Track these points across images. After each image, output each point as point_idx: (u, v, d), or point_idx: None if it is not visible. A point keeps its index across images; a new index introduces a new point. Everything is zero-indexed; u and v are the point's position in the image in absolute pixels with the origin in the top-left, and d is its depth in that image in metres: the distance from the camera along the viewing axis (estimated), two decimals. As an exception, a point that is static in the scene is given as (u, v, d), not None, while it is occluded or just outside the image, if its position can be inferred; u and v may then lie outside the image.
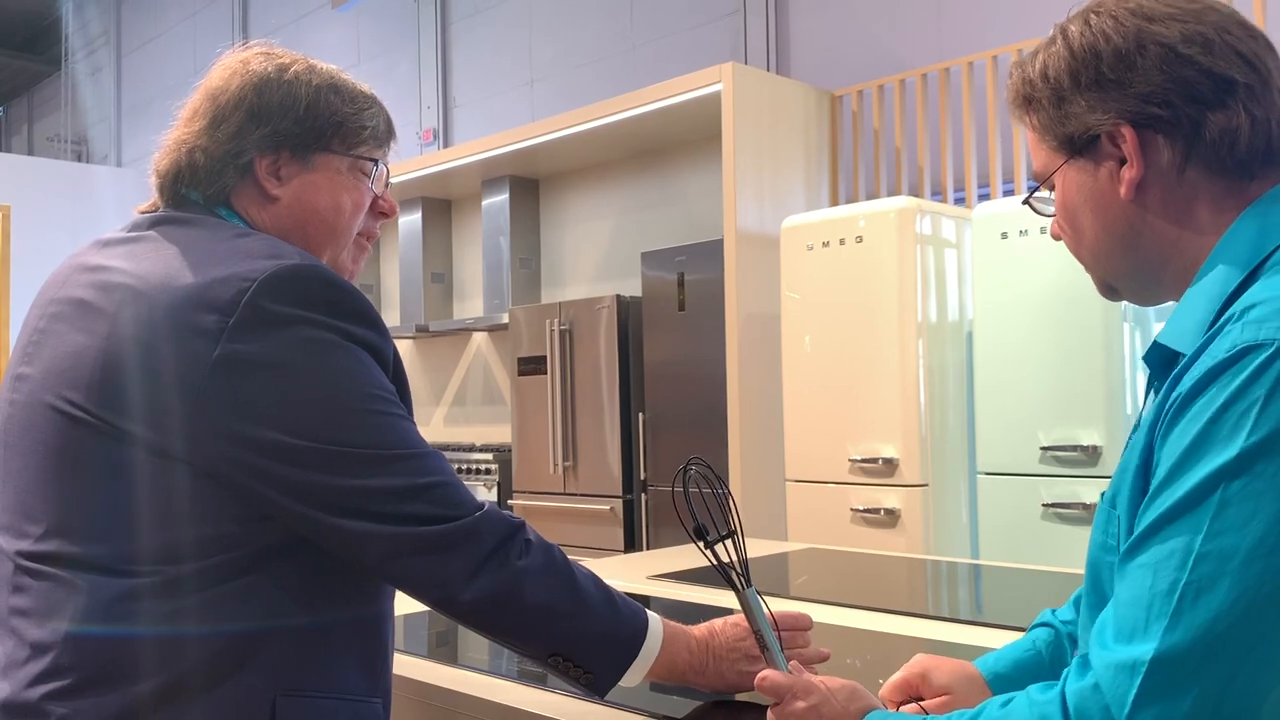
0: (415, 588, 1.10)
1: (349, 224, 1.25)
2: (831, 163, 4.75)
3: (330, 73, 1.24)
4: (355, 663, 1.12)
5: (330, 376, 1.06)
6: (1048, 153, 1.01)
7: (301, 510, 1.05)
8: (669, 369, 4.70)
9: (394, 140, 1.30)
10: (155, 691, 1.02)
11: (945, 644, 1.58)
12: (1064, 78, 0.97)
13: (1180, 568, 0.77)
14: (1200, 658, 0.75)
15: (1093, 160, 0.97)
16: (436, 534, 1.06)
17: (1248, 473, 0.75)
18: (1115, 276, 1.01)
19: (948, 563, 2.63)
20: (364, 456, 1.05)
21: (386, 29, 8.12)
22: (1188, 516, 0.77)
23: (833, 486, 3.78)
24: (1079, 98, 0.96)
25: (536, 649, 1.14)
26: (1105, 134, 0.95)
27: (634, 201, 5.52)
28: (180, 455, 1.03)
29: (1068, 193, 1.00)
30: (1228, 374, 0.78)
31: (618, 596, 1.18)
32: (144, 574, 1.03)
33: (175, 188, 1.20)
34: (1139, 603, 0.78)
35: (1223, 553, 0.75)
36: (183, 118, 1.21)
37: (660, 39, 6.16)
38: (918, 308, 3.61)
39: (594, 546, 4.87)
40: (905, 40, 4.99)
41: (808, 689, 1.05)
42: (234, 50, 1.24)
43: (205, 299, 1.04)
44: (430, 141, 7.53)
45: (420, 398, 6.69)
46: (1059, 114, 0.97)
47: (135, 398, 1.04)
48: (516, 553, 1.10)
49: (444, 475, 1.10)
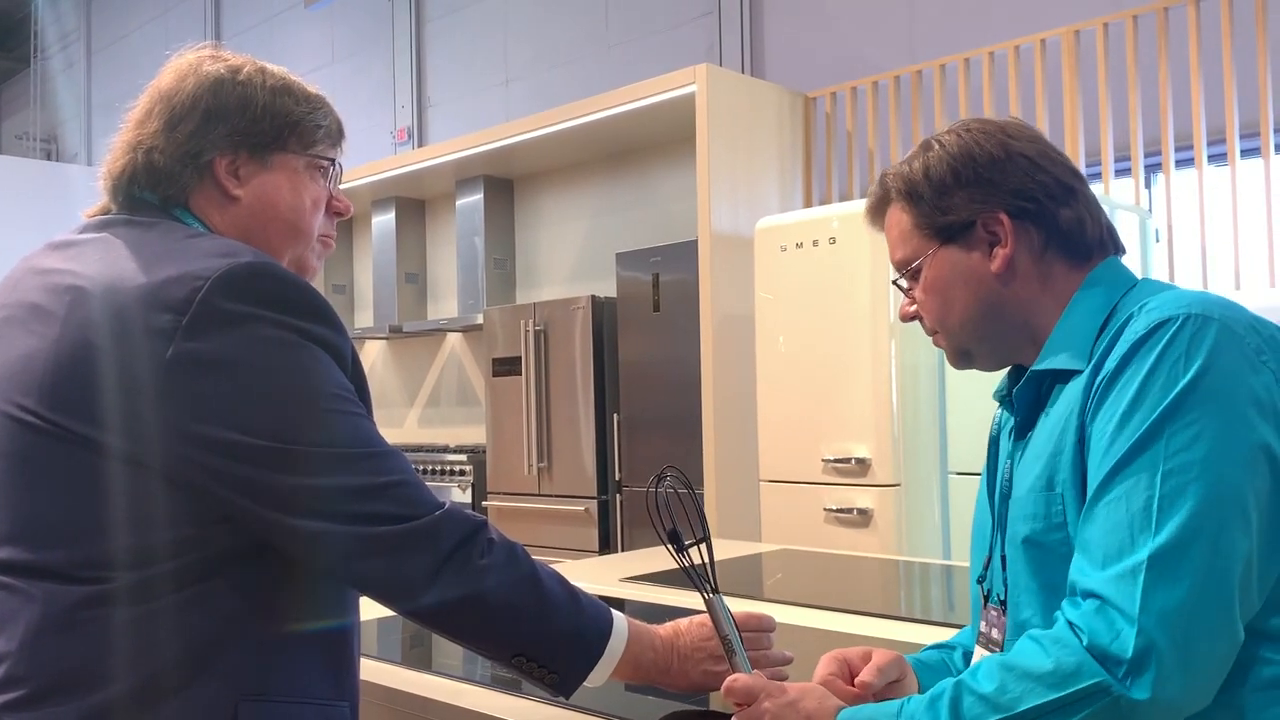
0: (376, 590, 1.09)
1: (310, 223, 1.24)
2: (805, 164, 4.77)
3: (281, 74, 1.24)
4: (320, 667, 1.11)
5: (286, 374, 1.05)
6: (919, 241, 1.20)
7: (259, 511, 1.03)
8: (644, 369, 4.71)
9: (344, 141, 1.30)
10: (114, 700, 1.00)
11: (917, 646, 1.59)
12: (946, 175, 1.17)
13: (1150, 488, 0.94)
14: (1186, 547, 0.92)
15: (964, 245, 1.17)
16: (396, 534, 1.05)
17: (1185, 408, 0.95)
18: (976, 341, 1.21)
19: (920, 563, 2.64)
20: (321, 455, 1.04)
21: (360, 29, 8.08)
22: (1145, 453, 0.96)
23: (806, 486, 3.79)
24: (959, 192, 1.16)
25: (500, 650, 1.13)
26: (982, 221, 1.15)
27: (609, 202, 5.52)
28: (136, 458, 1.02)
29: (939, 273, 1.19)
30: (1148, 344, 1.00)
31: (582, 595, 1.18)
32: (101, 580, 1.01)
33: (129, 189, 1.18)
34: (1120, 526, 0.95)
35: (1183, 467, 0.94)
36: (134, 120, 1.20)
37: (635, 40, 6.16)
38: (890, 308, 3.63)
39: (568, 548, 4.86)
40: (878, 43, 5.02)
41: (778, 690, 1.07)
42: (182, 53, 1.22)
43: (158, 298, 1.03)
44: (404, 141, 7.50)
45: (394, 399, 6.66)
46: (940, 205, 1.17)
47: (88, 400, 1.02)
48: (479, 552, 1.09)
49: (403, 474, 1.08)
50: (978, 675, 0.98)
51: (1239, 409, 0.95)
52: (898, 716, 1.00)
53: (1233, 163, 3.60)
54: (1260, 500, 0.94)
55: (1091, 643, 0.92)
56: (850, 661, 1.18)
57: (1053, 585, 1.05)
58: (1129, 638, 0.90)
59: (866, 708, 1.05)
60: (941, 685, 1.00)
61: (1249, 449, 0.94)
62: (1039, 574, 1.07)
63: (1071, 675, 0.92)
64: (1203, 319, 0.99)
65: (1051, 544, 1.05)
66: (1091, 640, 0.92)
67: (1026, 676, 0.94)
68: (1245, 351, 0.98)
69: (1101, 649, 0.91)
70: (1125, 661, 0.90)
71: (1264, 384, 0.97)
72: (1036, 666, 0.94)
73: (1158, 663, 0.89)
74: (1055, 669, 0.93)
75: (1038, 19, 4.29)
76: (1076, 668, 0.92)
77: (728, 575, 2.37)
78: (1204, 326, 0.98)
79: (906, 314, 1.26)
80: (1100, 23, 3.91)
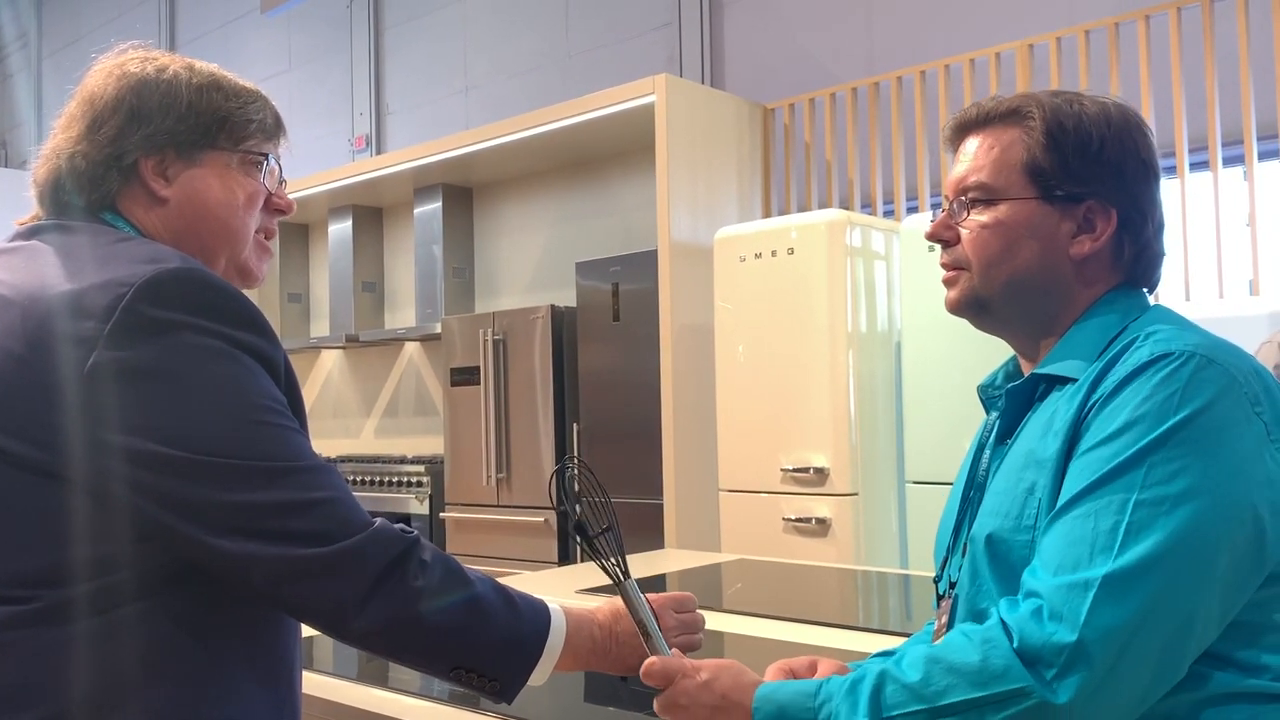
0: (305, 615, 1.05)
1: (244, 219, 1.20)
2: (764, 175, 4.79)
3: (210, 70, 1.20)
4: (258, 698, 1.07)
5: (213, 384, 1.01)
6: (1019, 179, 1.13)
7: (180, 528, 0.99)
8: (603, 379, 4.70)
9: (284, 135, 1.26)
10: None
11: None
12: (1093, 142, 1.11)
13: (1120, 512, 0.94)
14: (1142, 575, 0.91)
15: (1061, 211, 1.12)
16: (321, 557, 1.01)
17: (1172, 443, 0.95)
18: (1007, 300, 1.15)
19: (878, 573, 2.65)
20: (245, 469, 1.00)
21: (318, 35, 8.01)
22: (1123, 477, 0.95)
23: (765, 496, 3.80)
24: (1095, 165, 1.11)
25: (438, 667, 1.10)
26: (1091, 204, 1.11)
27: (568, 211, 5.51)
28: (56, 471, 0.98)
29: (1019, 220, 1.13)
30: (1147, 373, 0.99)
31: (519, 599, 1.15)
32: (24, 600, 0.97)
33: (56, 196, 1.15)
34: (1081, 541, 0.95)
35: (1156, 500, 0.94)
36: (60, 126, 1.17)
37: (595, 49, 6.16)
38: (848, 318, 3.66)
39: (527, 559, 4.83)
40: (836, 55, 5.06)
41: (696, 668, 1.07)
42: (109, 55, 1.20)
43: (80, 306, 0.99)
44: (362, 148, 7.44)
45: (350, 408, 6.60)
46: (1069, 164, 1.11)
47: (7, 412, 0.99)
48: (411, 574, 1.05)
49: (332, 490, 1.04)
50: (903, 665, 0.98)
51: (1225, 455, 0.95)
52: (815, 696, 1.00)
53: (1181, 176, 3.66)
54: (1233, 549, 0.93)
55: (1022, 645, 0.92)
56: (796, 671, 1.17)
57: (1009, 581, 1.06)
58: (1064, 641, 0.90)
59: (785, 685, 1.04)
60: (863, 669, 1.00)
61: (1228, 497, 0.94)
62: (996, 569, 1.08)
63: (998, 676, 0.92)
64: (1207, 361, 0.99)
65: (1015, 544, 1.06)
66: (1022, 643, 0.92)
67: (953, 671, 0.94)
68: (1241, 400, 0.98)
69: (1033, 651, 0.91)
70: (1056, 664, 0.90)
71: (1255, 434, 0.97)
72: (964, 663, 0.94)
73: (1087, 671, 0.90)
74: (982, 667, 0.93)
75: (994, 33, 4.34)
76: (1004, 669, 0.92)
77: (688, 585, 2.37)
78: (1206, 368, 0.98)
79: (938, 231, 1.19)
80: (1053, 37, 3.97)
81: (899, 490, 3.75)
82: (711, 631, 1.88)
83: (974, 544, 1.12)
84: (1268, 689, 0.95)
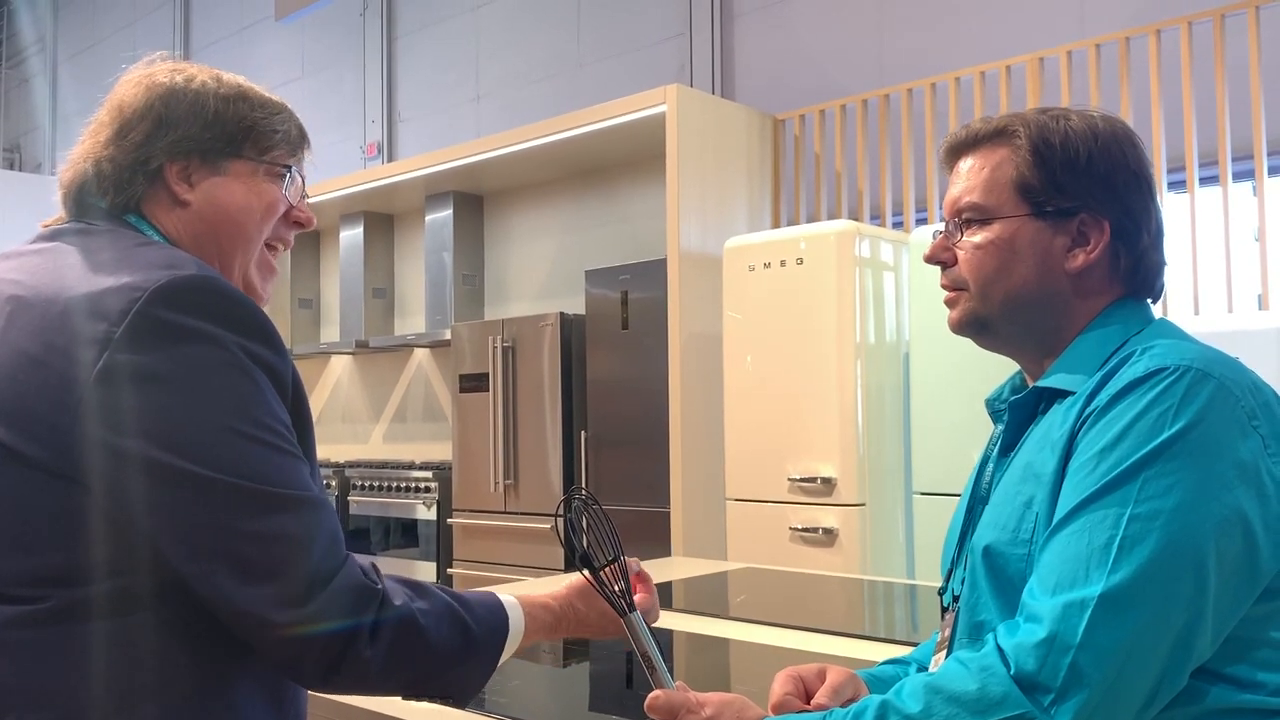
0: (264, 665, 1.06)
1: (259, 226, 1.21)
2: (773, 185, 4.80)
3: (238, 82, 1.22)
4: (260, 703, 1.07)
5: (215, 392, 1.00)
6: (1010, 197, 1.14)
7: (159, 538, 0.98)
8: (612, 387, 4.71)
9: (308, 148, 1.27)
10: None
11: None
12: (1081, 156, 1.12)
13: (1114, 527, 0.95)
14: (1138, 591, 0.92)
15: (1053, 226, 1.13)
16: (273, 626, 0.98)
17: (1165, 457, 0.96)
18: (1006, 319, 1.17)
19: (884, 582, 2.66)
20: (231, 486, 0.98)
21: (331, 42, 8.06)
22: (1116, 492, 0.96)
23: (772, 505, 3.81)
24: (1083, 179, 1.12)
25: (395, 694, 1.13)
26: (1084, 217, 1.12)
27: (578, 220, 5.53)
28: (69, 472, 0.98)
29: (1012, 238, 1.14)
30: (1143, 387, 1.00)
31: (473, 623, 1.13)
32: (33, 599, 0.98)
33: (80, 198, 1.17)
34: (1078, 558, 0.95)
35: (1150, 514, 0.94)
36: (89, 132, 1.19)
37: (607, 59, 6.18)
38: (856, 329, 3.66)
39: (534, 565, 4.84)
40: (847, 67, 5.07)
41: (700, 703, 1.07)
42: (138, 66, 1.21)
43: (95, 308, 1.00)
44: (374, 156, 7.47)
45: (359, 414, 6.62)
46: (1058, 179, 1.12)
47: (20, 411, 0.99)
48: (364, 643, 1.02)
49: (313, 528, 1.01)
50: (903, 694, 0.98)
51: (1219, 469, 0.95)
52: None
53: (1191, 190, 3.66)
54: (1226, 562, 0.94)
55: (1019, 672, 0.93)
56: (805, 679, 1.18)
57: (1006, 593, 1.07)
58: (1061, 666, 0.91)
59: (788, 719, 1.06)
60: (865, 701, 1.00)
61: (1221, 510, 0.94)
62: (993, 581, 1.09)
63: (997, 704, 0.93)
64: (1202, 374, 0.99)
65: (1012, 557, 1.06)
66: (1019, 670, 0.93)
67: (953, 700, 0.95)
68: (1237, 414, 0.98)
69: (1029, 678, 0.92)
70: (1053, 689, 0.91)
71: (1251, 448, 0.97)
72: (963, 691, 0.95)
73: (1086, 692, 0.90)
74: (981, 695, 0.94)
75: (1004, 46, 4.36)
76: (1003, 697, 0.93)
77: (694, 594, 2.37)
78: (1201, 382, 0.98)
79: (936, 254, 1.21)
80: (1064, 50, 3.98)
81: (906, 501, 3.75)
82: (718, 639, 1.88)
83: (972, 555, 1.12)
84: (1264, 704, 0.96)
